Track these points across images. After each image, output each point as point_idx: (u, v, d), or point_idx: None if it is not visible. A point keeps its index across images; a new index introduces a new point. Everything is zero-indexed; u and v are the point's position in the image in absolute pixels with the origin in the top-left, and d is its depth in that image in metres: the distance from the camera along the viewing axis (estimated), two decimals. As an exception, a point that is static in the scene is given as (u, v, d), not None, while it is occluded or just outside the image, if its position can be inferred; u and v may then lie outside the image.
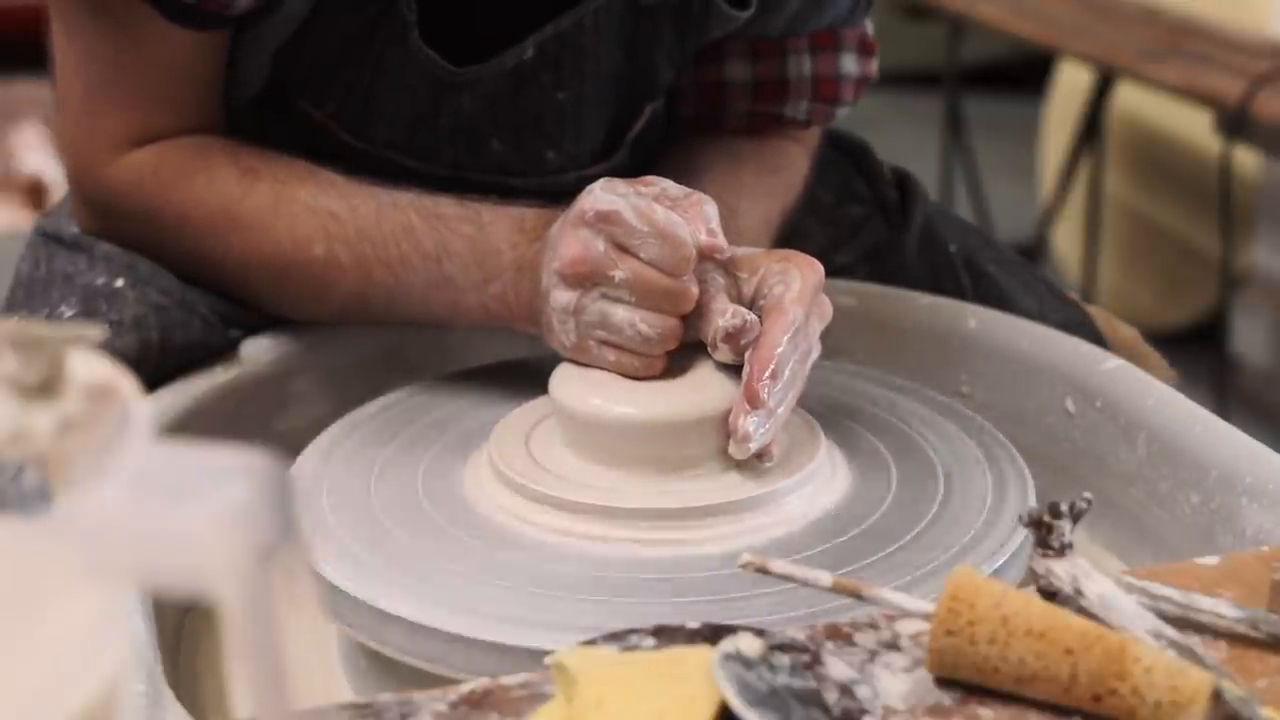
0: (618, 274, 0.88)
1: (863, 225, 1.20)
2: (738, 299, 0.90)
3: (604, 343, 0.89)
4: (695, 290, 0.88)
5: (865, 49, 1.17)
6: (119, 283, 1.02)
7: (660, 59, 1.09)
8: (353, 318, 1.03)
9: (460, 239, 0.97)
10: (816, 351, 0.90)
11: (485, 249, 0.96)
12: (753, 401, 0.85)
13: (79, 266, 1.04)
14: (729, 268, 0.91)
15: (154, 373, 1.00)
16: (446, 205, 0.98)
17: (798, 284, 0.88)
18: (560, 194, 1.10)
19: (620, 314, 0.88)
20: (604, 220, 0.88)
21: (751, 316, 0.88)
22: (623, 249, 0.88)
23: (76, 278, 1.03)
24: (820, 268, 0.90)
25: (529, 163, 1.09)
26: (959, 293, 1.18)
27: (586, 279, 0.89)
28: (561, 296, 0.90)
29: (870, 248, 1.20)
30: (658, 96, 1.12)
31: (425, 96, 1.04)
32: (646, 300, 0.88)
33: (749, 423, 0.85)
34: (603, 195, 0.89)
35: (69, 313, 1.01)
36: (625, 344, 0.89)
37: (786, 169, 1.18)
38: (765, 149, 1.17)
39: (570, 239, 0.89)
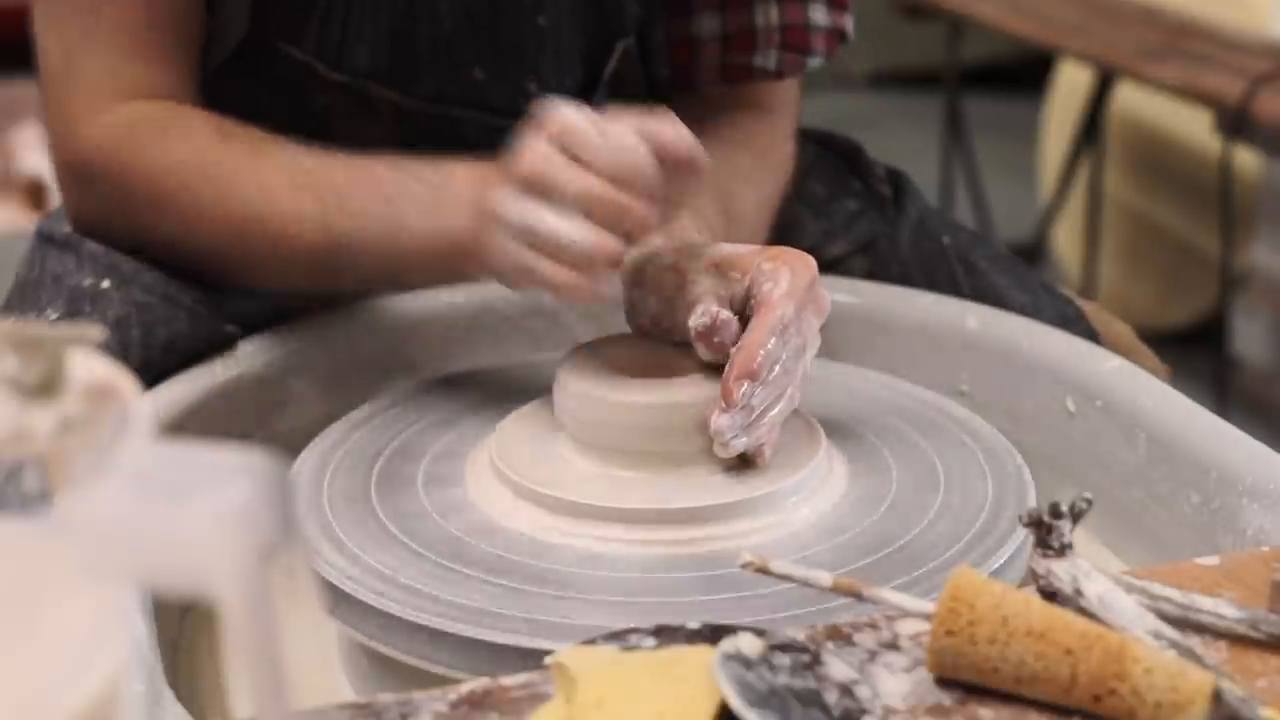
0: (571, 185, 0.87)
1: (857, 218, 1.21)
2: (729, 300, 0.90)
3: (539, 251, 0.88)
4: (646, 212, 0.87)
5: (836, 3, 1.17)
6: (105, 284, 1.02)
7: None
8: (316, 279, 1.03)
9: (421, 184, 0.97)
10: (814, 345, 0.90)
11: (445, 194, 0.96)
12: (726, 399, 0.85)
13: (67, 267, 1.05)
14: (721, 268, 0.91)
15: (144, 371, 0.99)
16: (413, 160, 0.99)
17: (787, 280, 0.88)
18: None
19: (562, 224, 0.87)
20: (562, 131, 0.88)
21: (726, 314, 0.88)
22: (577, 160, 0.88)
23: (65, 279, 1.04)
24: (813, 262, 0.90)
25: (511, 94, 1.10)
26: (953, 285, 1.18)
27: (537, 187, 0.88)
28: (512, 208, 0.89)
29: (865, 240, 1.20)
30: (627, 34, 1.14)
31: (403, 7, 1.06)
32: (594, 214, 0.87)
33: (721, 421, 0.85)
34: (565, 110, 0.89)
35: (54, 315, 1.02)
36: (560, 254, 0.88)
37: (774, 150, 1.18)
38: (752, 132, 1.18)
39: (527, 149, 0.89)
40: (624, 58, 1.15)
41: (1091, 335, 1.16)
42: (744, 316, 0.89)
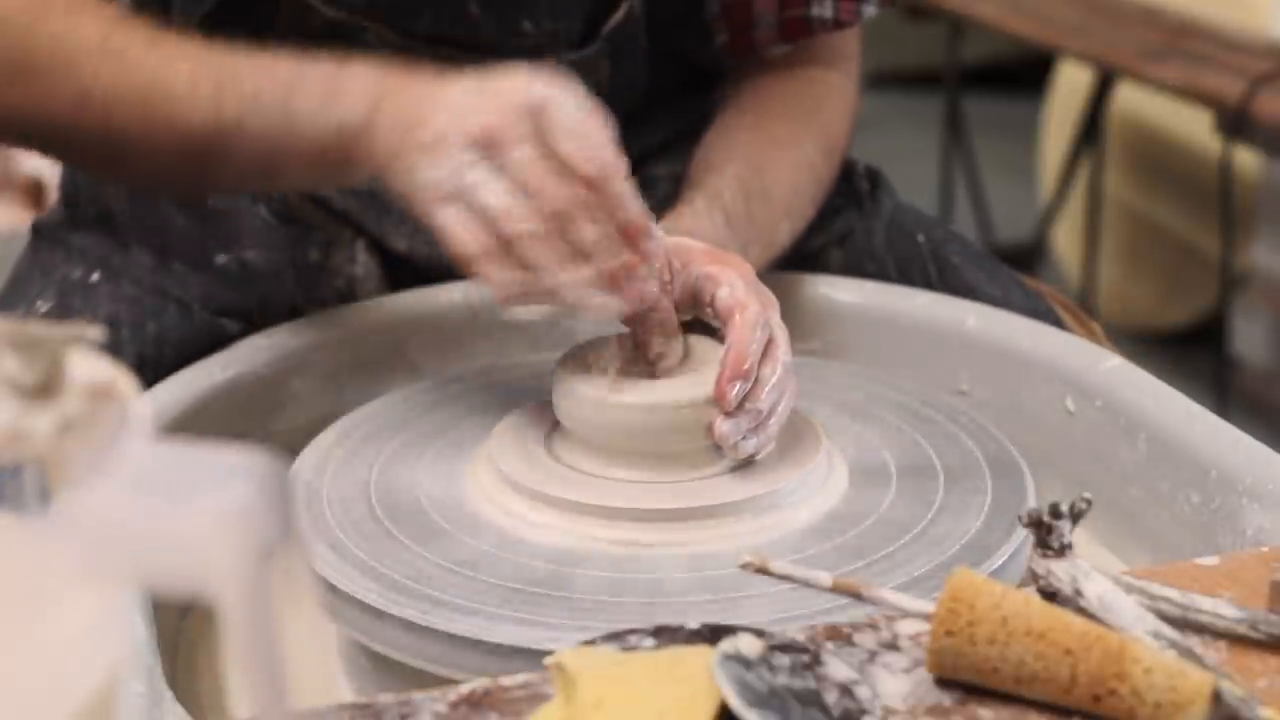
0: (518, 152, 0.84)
1: (836, 213, 1.21)
2: (670, 287, 0.91)
3: (467, 212, 0.84)
4: (584, 234, 0.83)
5: None
6: (94, 277, 1.02)
7: None
8: (197, 169, 0.99)
9: (319, 73, 0.94)
10: (784, 333, 0.90)
11: (341, 83, 0.93)
12: (721, 402, 0.86)
13: (56, 260, 1.05)
14: (667, 254, 0.92)
15: (136, 368, 1.00)
16: (321, 57, 0.96)
17: (739, 281, 0.90)
18: None
19: (509, 203, 0.83)
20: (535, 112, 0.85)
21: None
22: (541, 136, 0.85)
23: (54, 271, 1.04)
24: (748, 266, 0.92)
25: (505, 30, 1.10)
26: (925, 282, 1.19)
27: (492, 148, 0.84)
28: (456, 156, 0.85)
29: (842, 233, 1.21)
30: None
31: None
32: (532, 195, 0.83)
33: (724, 427, 0.86)
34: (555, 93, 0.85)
35: (44, 306, 1.02)
36: (489, 227, 0.84)
37: (826, 103, 1.19)
38: (798, 89, 1.18)
39: (499, 109, 0.85)
40: (628, 17, 1.14)
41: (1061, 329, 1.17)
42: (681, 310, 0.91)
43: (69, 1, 0.99)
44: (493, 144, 0.84)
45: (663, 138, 1.23)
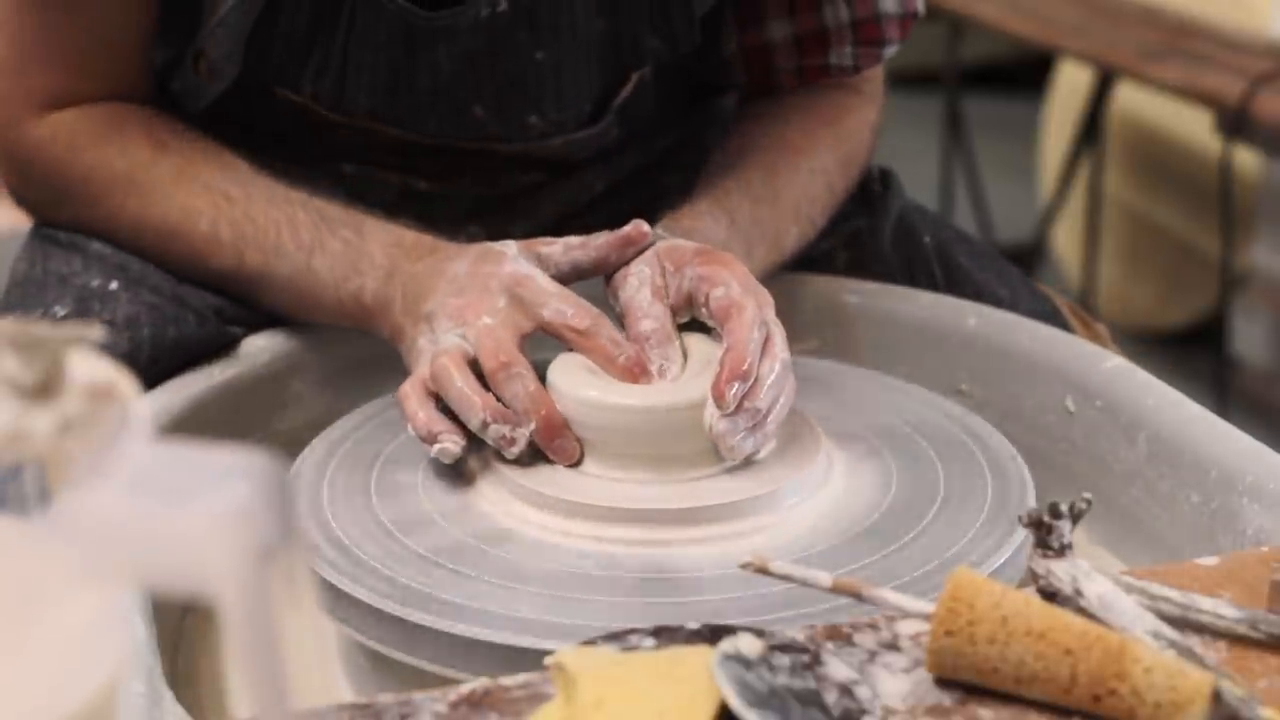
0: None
1: (846, 218, 1.21)
2: (652, 278, 0.93)
3: (433, 389, 0.91)
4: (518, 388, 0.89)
5: None
6: (113, 284, 1.03)
7: (642, 27, 1.10)
8: (231, 291, 1.06)
9: (338, 240, 1.01)
10: (781, 331, 0.90)
11: (359, 252, 1.00)
12: (719, 401, 0.86)
13: (73, 267, 1.05)
14: (659, 257, 0.94)
15: (149, 369, 1.00)
16: (334, 209, 1.03)
17: (735, 280, 0.90)
18: (546, 158, 1.12)
19: (469, 399, 0.88)
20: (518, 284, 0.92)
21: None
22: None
23: (71, 279, 1.04)
24: (742, 265, 0.93)
25: (512, 127, 1.10)
26: (931, 285, 1.19)
27: (464, 320, 0.92)
28: (443, 339, 0.92)
29: (849, 234, 1.21)
30: (644, 64, 1.13)
31: (401, 54, 1.05)
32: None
33: (721, 425, 0.86)
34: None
35: (62, 312, 1.02)
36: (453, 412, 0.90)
37: (841, 120, 1.19)
38: (817, 103, 1.18)
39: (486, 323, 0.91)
40: (638, 85, 1.14)
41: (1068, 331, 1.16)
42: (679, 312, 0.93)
43: (102, 132, 1.06)
44: (465, 320, 0.92)
45: (669, 144, 1.23)
